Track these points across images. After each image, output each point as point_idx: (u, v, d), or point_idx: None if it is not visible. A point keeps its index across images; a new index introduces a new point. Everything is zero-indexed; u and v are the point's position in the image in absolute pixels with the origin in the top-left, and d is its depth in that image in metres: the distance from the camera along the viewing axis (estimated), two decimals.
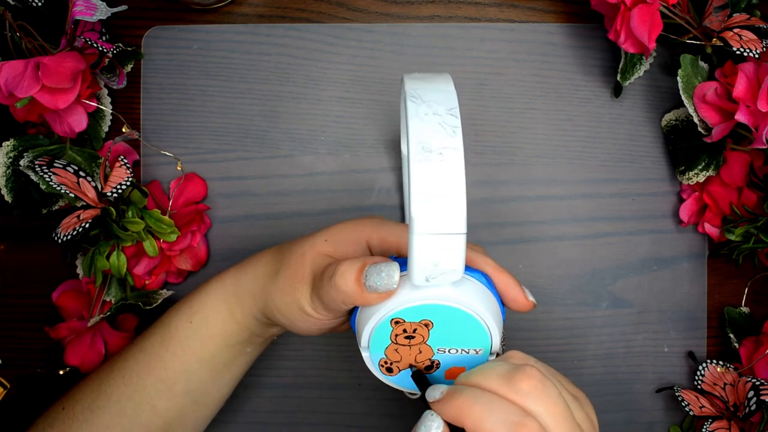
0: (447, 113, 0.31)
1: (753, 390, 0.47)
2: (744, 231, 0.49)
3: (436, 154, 0.30)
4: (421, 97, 0.32)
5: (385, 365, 0.35)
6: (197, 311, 0.42)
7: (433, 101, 0.32)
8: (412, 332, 0.33)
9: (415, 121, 0.31)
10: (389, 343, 0.34)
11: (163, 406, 0.42)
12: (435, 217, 0.29)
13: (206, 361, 0.42)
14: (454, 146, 0.30)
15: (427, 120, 0.31)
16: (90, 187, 0.47)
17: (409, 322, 0.33)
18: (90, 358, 0.50)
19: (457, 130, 0.30)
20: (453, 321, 0.33)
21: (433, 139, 0.30)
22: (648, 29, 0.44)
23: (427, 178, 0.29)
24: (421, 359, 0.35)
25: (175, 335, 0.42)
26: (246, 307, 0.41)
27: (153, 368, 0.42)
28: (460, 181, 0.29)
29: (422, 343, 0.34)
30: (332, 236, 0.38)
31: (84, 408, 0.42)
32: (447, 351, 0.34)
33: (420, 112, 0.31)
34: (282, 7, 0.53)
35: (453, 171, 0.30)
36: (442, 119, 0.31)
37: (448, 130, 0.31)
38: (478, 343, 0.34)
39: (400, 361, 0.35)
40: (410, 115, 0.31)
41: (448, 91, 0.33)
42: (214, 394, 0.44)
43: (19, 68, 0.43)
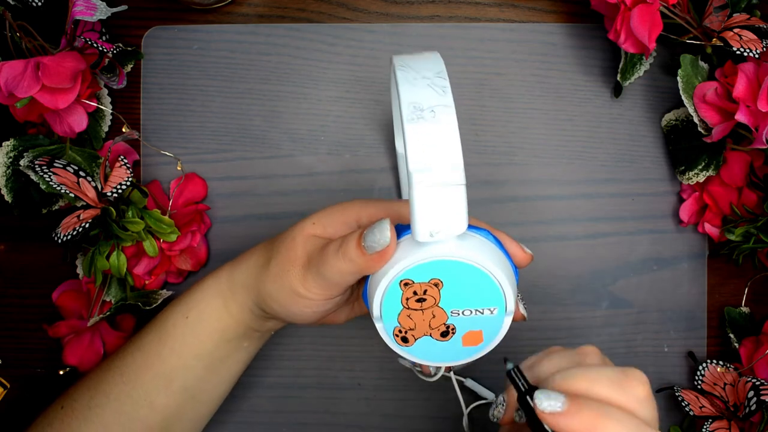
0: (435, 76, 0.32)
1: (753, 390, 0.47)
2: (744, 231, 0.49)
3: (428, 112, 0.30)
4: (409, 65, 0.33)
5: (399, 334, 0.34)
6: (193, 307, 0.42)
7: (422, 67, 0.32)
8: (423, 294, 0.33)
9: (406, 86, 0.31)
10: (401, 309, 0.33)
11: (161, 403, 0.42)
12: (434, 169, 0.30)
13: (203, 356, 0.42)
14: (445, 103, 0.31)
15: (417, 83, 0.31)
16: (90, 187, 0.47)
17: (419, 282, 0.32)
18: (89, 357, 0.50)
19: (447, 90, 0.31)
20: (462, 278, 0.32)
21: (424, 100, 0.31)
22: (648, 29, 0.44)
23: (423, 134, 0.30)
24: (435, 325, 0.34)
25: (172, 332, 0.42)
26: (240, 300, 0.41)
27: (150, 365, 0.42)
28: (455, 135, 0.30)
29: (434, 305, 0.33)
30: (320, 219, 0.39)
31: (82, 406, 0.42)
32: (461, 313, 0.33)
33: (409, 77, 0.32)
34: (282, 7, 0.53)
35: (447, 126, 0.30)
36: (431, 81, 0.32)
37: (438, 90, 0.31)
38: (491, 301, 0.33)
39: (414, 329, 0.34)
40: (400, 81, 0.32)
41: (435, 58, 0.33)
42: (211, 391, 0.44)
43: (19, 68, 0.43)
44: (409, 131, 0.30)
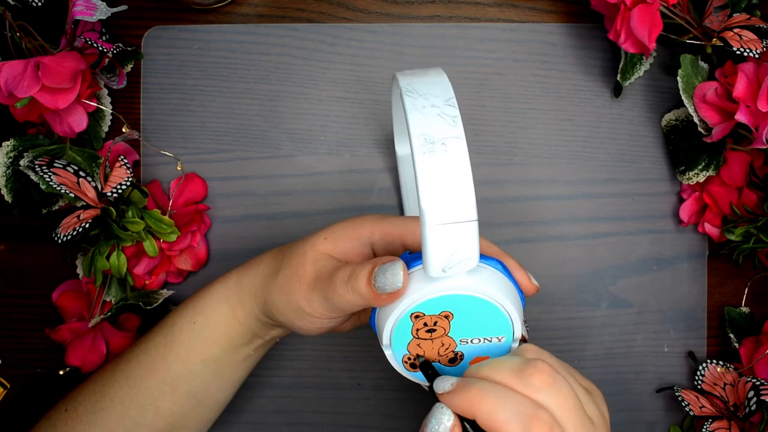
0: (444, 104, 0.31)
1: (753, 390, 0.47)
2: (744, 231, 0.49)
3: (439, 144, 0.30)
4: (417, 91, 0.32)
5: (408, 362, 0.35)
6: (200, 312, 0.42)
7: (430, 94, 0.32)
8: (433, 325, 0.33)
9: (415, 114, 0.31)
10: (411, 339, 0.34)
11: (166, 408, 0.42)
12: (446, 206, 0.29)
13: (209, 362, 0.42)
14: (456, 135, 0.30)
15: (426, 113, 0.31)
16: (90, 187, 0.47)
17: (429, 315, 0.33)
18: (91, 358, 0.50)
19: (457, 120, 0.31)
20: (473, 310, 0.33)
21: (434, 131, 0.30)
22: (648, 29, 0.44)
23: (434, 170, 0.30)
24: (444, 352, 0.34)
25: (179, 336, 0.42)
26: (248, 307, 0.41)
27: (156, 369, 0.42)
28: (467, 169, 0.30)
29: (444, 335, 0.34)
30: (331, 234, 0.38)
31: (87, 410, 0.42)
32: (470, 341, 0.34)
33: (418, 105, 0.31)
34: (282, 7, 0.53)
35: (458, 160, 0.30)
36: (440, 110, 0.31)
37: (448, 120, 0.31)
38: (499, 330, 0.34)
39: (423, 356, 0.35)
40: (409, 109, 0.31)
41: (443, 82, 0.33)
42: (217, 395, 0.44)
43: (19, 68, 0.43)
44: (420, 165, 0.30)
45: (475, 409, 0.29)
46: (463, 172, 0.30)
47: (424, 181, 0.29)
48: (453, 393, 0.31)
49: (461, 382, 0.31)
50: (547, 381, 0.30)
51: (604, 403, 0.34)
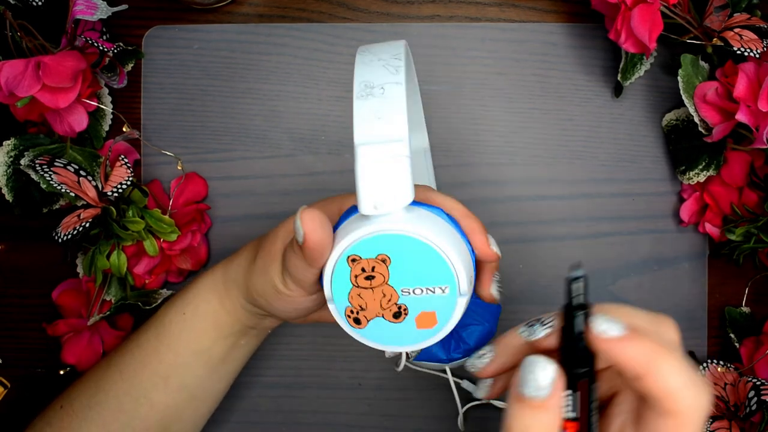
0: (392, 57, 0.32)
1: (753, 390, 0.47)
2: (744, 231, 0.49)
3: (378, 89, 0.31)
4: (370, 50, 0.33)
5: (351, 315, 0.34)
6: (189, 303, 0.42)
7: (381, 51, 0.33)
8: (371, 270, 0.32)
9: (360, 67, 0.32)
10: (351, 287, 0.33)
11: (160, 401, 0.42)
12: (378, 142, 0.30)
13: (201, 353, 0.42)
14: (395, 81, 0.31)
15: (372, 65, 0.32)
16: (90, 186, 0.47)
17: (366, 258, 0.32)
18: (87, 356, 0.50)
19: (400, 69, 0.31)
20: (410, 254, 0.31)
21: (375, 78, 0.31)
22: (648, 29, 0.44)
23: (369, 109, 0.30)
24: (386, 305, 0.33)
25: (170, 328, 0.42)
26: (233, 295, 0.41)
27: (149, 362, 0.42)
28: (401, 108, 0.30)
29: (384, 283, 0.32)
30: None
31: (82, 405, 0.42)
32: (411, 291, 0.32)
33: (366, 59, 0.32)
34: (282, 7, 0.53)
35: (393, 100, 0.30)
36: (386, 62, 0.32)
37: (391, 69, 0.31)
38: (441, 279, 0.32)
39: (366, 309, 0.33)
40: (356, 64, 0.32)
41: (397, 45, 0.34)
42: (210, 389, 0.44)
43: (19, 67, 0.43)
44: (356, 107, 0.30)
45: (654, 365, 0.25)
46: (397, 111, 0.30)
47: (357, 119, 0.30)
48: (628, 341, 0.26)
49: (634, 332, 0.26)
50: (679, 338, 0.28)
51: None
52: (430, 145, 0.52)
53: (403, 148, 0.30)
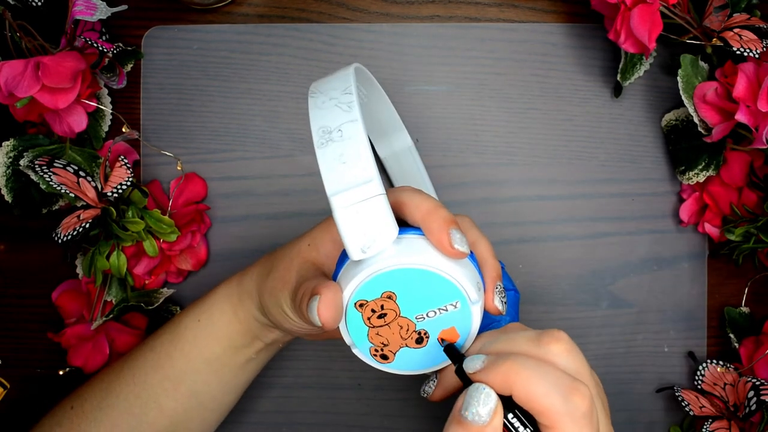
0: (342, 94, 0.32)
1: (753, 390, 0.47)
2: (744, 231, 0.49)
3: (336, 132, 0.31)
4: (319, 90, 0.33)
5: (377, 353, 0.34)
6: (205, 311, 0.43)
7: (330, 88, 0.33)
8: (381, 309, 0.33)
9: (314, 111, 0.32)
10: (367, 330, 0.33)
11: (169, 406, 0.42)
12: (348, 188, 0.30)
13: (212, 361, 0.42)
14: (351, 119, 0.31)
15: (324, 106, 0.32)
16: (90, 187, 0.47)
17: (372, 300, 0.32)
18: (94, 358, 0.50)
19: (353, 105, 0.31)
20: (412, 283, 0.32)
21: (330, 121, 0.31)
22: (648, 29, 0.44)
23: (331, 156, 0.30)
24: (406, 335, 0.34)
25: (184, 333, 0.42)
26: (246, 306, 0.41)
27: (161, 366, 0.42)
28: (363, 148, 0.30)
29: (397, 317, 0.33)
30: (313, 240, 0.38)
31: (93, 407, 0.42)
32: (426, 316, 0.33)
33: (318, 102, 0.32)
34: (282, 7, 0.53)
35: (353, 141, 0.30)
36: (338, 101, 0.32)
37: (344, 107, 0.31)
38: (449, 296, 0.32)
39: (388, 344, 0.34)
40: (310, 108, 0.32)
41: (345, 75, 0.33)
42: (219, 399, 0.44)
43: (19, 68, 0.43)
44: (319, 156, 0.31)
45: (512, 383, 0.28)
46: (359, 151, 0.30)
47: (324, 169, 0.30)
48: (487, 369, 0.29)
49: (493, 359, 0.29)
50: (566, 348, 0.29)
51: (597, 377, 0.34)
52: (430, 145, 0.52)
53: (374, 188, 0.30)
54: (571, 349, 0.30)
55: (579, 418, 0.27)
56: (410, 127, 0.52)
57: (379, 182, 0.30)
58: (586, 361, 0.30)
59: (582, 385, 0.28)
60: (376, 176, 0.30)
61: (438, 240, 0.32)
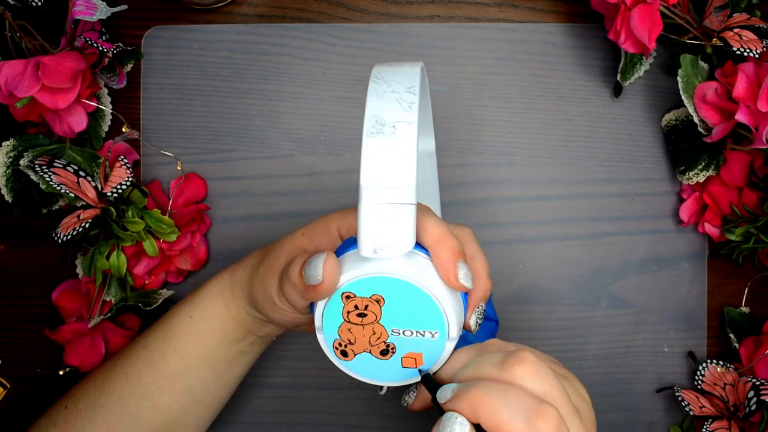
0: (406, 91, 0.32)
1: (753, 390, 0.47)
2: (744, 231, 0.49)
3: (389, 127, 0.30)
4: (383, 78, 0.32)
5: (339, 347, 0.34)
6: (196, 306, 0.42)
7: (395, 81, 0.32)
8: (364, 309, 0.32)
9: (373, 98, 0.31)
10: (342, 322, 0.33)
11: (164, 403, 0.42)
12: (383, 186, 0.30)
13: (206, 357, 0.42)
14: (407, 120, 0.30)
15: (385, 97, 0.31)
16: (90, 186, 0.47)
17: (360, 297, 0.32)
18: (90, 357, 0.50)
19: (414, 106, 0.31)
20: (404, 298, 0.32)
21: (387, 114, 0.31)
22: (648, 29, 0.44)
23: (378, 150, 0.30)
24: (375, 341, 0.33)
25: (177, 331, 0.42)
26: (238, 300, 0.41)
27: (154, 364, 0.42)
28: (411, 153, 0.30)
29: (375, 322, 0.33)
30: (308, 230, 0.39)
31: (87, 406, 0.42)
32: (402, 333, 0.33)
33: (379, 90, 0.32)
34: (282, 7, 0.53)
35: (404, 143, 0.30)
36: (400, 96, 0.31)
37: (404, 105, 0.31)
38: (432, 324, 0.32)
39: (354, 344, 0.34)
40: (369, 94, 0.31)
41: (412, 72, 0.33)
42: (214, 393, 0.44)
43: (19, 68, 0.43)
44: (365, 145, 0.30)
45: (478, 411, 0.28)
46: (406, 155, 0.30)
47: (366, 160, 0.30)
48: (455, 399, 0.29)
49: (461, 387, 0.29)
50: (531, 369, 0.29)
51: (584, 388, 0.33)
52: None
53: (408, 196, 0.30)
54: (537, 370, 0.29)
55: None
56: None
57: (414, 192, 0.30)
58: (555, 379, 0.30)
59: (548, 407, 0.28)
60: (413, 185, 0.30)
61: (445, 271, 0.32)
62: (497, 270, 0.53)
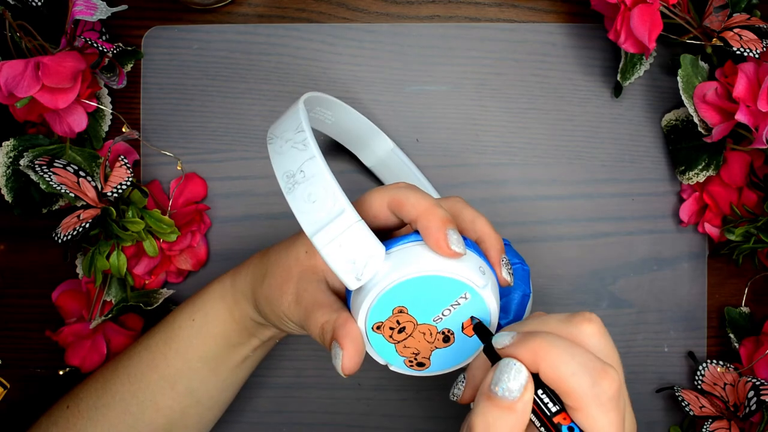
0: (296, 133, 0.33)
1: (753, 390, 0.47)
2: (744, 231, 0.49)
3: (299, 174, 0.32)
4: (275, 134, 0.34)
5: (412, 364, 0.35)
6: (199, 310, 0.42)
7: (283, 131, 0.34)
8: (398, 324, 0.33)
9: (275, 157, 0.33)
10: (394, 346, 0.34)
11: (166, 405, 0.42)
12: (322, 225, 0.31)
13: (208, 359, 0.42)
14: (309, 157, 0.32)
15: (283, 151, 0.33)
16: (90, 186, 0.47)
17: (387, 319, 0.33)
18: (91, 358, 0.50)
19: (307, 142, 0.32)
20: (417, 291, 0.32)
21: (291, 164, 0.32)
22: (648, 29, 0.44)
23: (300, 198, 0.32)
24: (432, 339, 0.34)
25: (179, 333, 0.42)
26: (241, 306, 0.41)
27: (156, 366, 0.42)
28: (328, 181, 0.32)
29: (416, 326, 0.33)
30: (311, 247, 0.38)
31: (89, 406, 0.42)
32: (442, 315, 0.33)
33: (276, 148, 0.34)
34: (282, 7, 0.53)
35: (317, 177, 0.32)
36: (293, 142, 0.33)
37: (299, 147, 0.33)
38: (456, 291, 0.32)
39: (419, 352, 0.34)
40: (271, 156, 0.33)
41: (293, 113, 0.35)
42: (216, 396, 0.44)
43: (19, 68, 0.43)
44: (290, 202, 0.32)
45: (541, 360, 0.27)
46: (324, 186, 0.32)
47: (297, 213, 0.32)
48: (516, 345, 0.28)
49: (523, 334, 0.28)
50: (599, 329, 0.29)
51: None
52: (430, 145, 0.52)
53: (348, 217, 0.31)
54: (603, 332, 0.29)
55: (606, 401, 0.27)
56: (410, 127, 0.52)
57: (351, 209, 0.31)
58: (615, 346, 0.30)
59: (611, 369, 0.27)
60: (346, 205, 0.31)
61: (435, 241, 0.32)
62: None
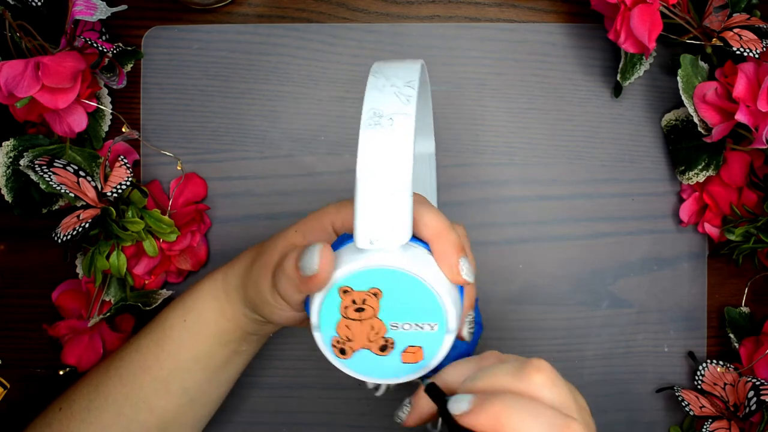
0: (404, 85, 0.32)
1: (753, 390, 0.47)
2: (744, 231, 0.49)
3: (386, 119, 0.30)
4: (382, 72, 0.33)
5: (337, 345, 0.34)
6: (190, 310, 0.42)
7: (394, 75, 0.32)
8: (362, 303, 0.32)
9: (371, 92, 0.31)
10: (339, 318, 0.33)
11: (159, 405, 0.42)
12: (379, 177, 0.30)
13: (201, 359, 0.42)
14: (405, 112, 0.30)
15: (384, 90, 0.31)
16: (90, 186, 0.47)
17: (357, 291, 0.32)
18: (88, 357, 0.50)
19: (412, 99, 0.31)
20: (402, 290, 0.31)
21: (385, 106, 0.31)
22: (648, 29, 0.44)
23: (374, 141, 0.30)
24: (374, 337, 0.33)
25: (170, 334, 0.42)
26: (233, 302, 0.41)
27: (149, 367, 0.42)
28: (408, 144, 0.30)
29: (373, 316, 0.32)
30: (301, 227, 0.38)
31: (81, 408, 0.42)
32: (400, 326, 0.32)
33: (378, 84, 0.32)
34: (282, 7, 0.53)
35: (401, 134, 0.30)
36: (398, 90, 0.31)
37: (402, 98, 0.31)
38: (431, 315, 0.32)
39: (352, 341, 0.33)
40: (368, 88, 0.31)
41: (411, 68, 0.33)
42: (210, 393, 0.44)
43: (19, 68, 0.43)
44: (363, 136, 0.30)
45: (503, 426, 0.27)
46: (402, 146, 0.30)
47: (362, 151, 0.30)
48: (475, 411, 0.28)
49: (480, 399, 0.28)
50: (549, 378, 0.29)
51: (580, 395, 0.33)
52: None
53: (404, 186, 0.30)
54: (555, 378, 0.29)
55: None
56: None
57: (410, 183, 0.30)
58: (568, 389, 0.29)
59: (572, 421, 0.27)
60: (409, 176, 0.30)
61: (449, 265, 0.32)
62: (497, 270, 0.53)
